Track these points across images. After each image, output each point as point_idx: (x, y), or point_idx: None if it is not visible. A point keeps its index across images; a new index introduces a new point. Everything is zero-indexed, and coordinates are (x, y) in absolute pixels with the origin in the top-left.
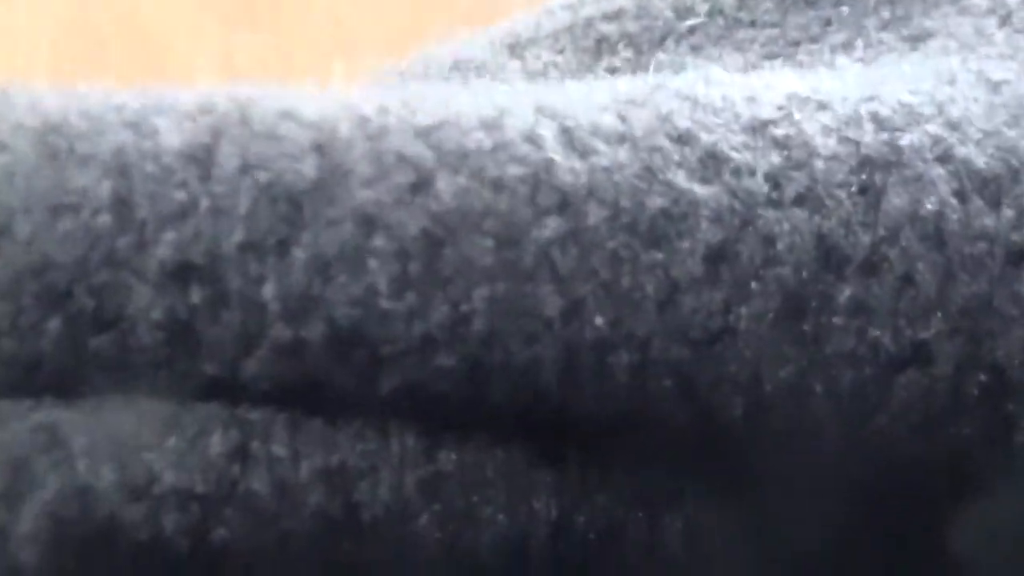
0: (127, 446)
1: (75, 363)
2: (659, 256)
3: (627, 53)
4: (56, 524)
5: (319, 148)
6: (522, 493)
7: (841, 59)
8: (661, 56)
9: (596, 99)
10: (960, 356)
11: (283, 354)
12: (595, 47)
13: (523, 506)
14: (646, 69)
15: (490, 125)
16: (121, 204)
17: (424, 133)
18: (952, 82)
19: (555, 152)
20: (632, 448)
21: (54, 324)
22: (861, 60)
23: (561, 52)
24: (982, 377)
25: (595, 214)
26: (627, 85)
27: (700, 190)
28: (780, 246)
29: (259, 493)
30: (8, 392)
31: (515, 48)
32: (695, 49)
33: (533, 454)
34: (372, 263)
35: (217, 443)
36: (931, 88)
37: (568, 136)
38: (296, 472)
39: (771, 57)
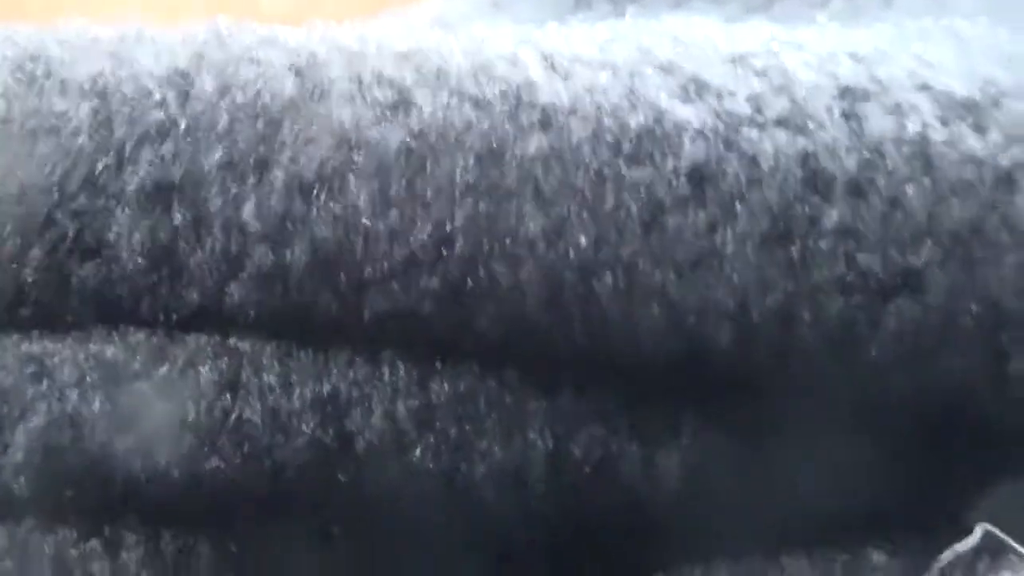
0: (117, 376)
1: (60, 294)
2: (643, 174)
3: (604, 7)
4: (49, 454)
5: (298, 70)
6: (516, 423)
7: (818, 14)
8: (637, 9)
9: (576, 36)
10: (952, 284)
11: (266, 278)
12: (573, 1)
13: (518, 437)
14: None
15: (470, 51)
16: (100, 125)
17: (403, 56)
18: (925, 37)
19: (536, 74)
20: (625, 380)
21: (36, 252)
22: (838, 16)
23: (540, 7)
24: (975, 307)
25: (578, 131)
26: (606, 26)
27: (683, 110)
28: (764, 166)
29: (252, 422)
30: None
31: (498, 4)
32: (674, 5)
33: (525, 385)
34: (352, 181)
35: (208, 372)
36: (906, 39)
37: (549, 61)
38: (289, 400)
39: (750, 11)
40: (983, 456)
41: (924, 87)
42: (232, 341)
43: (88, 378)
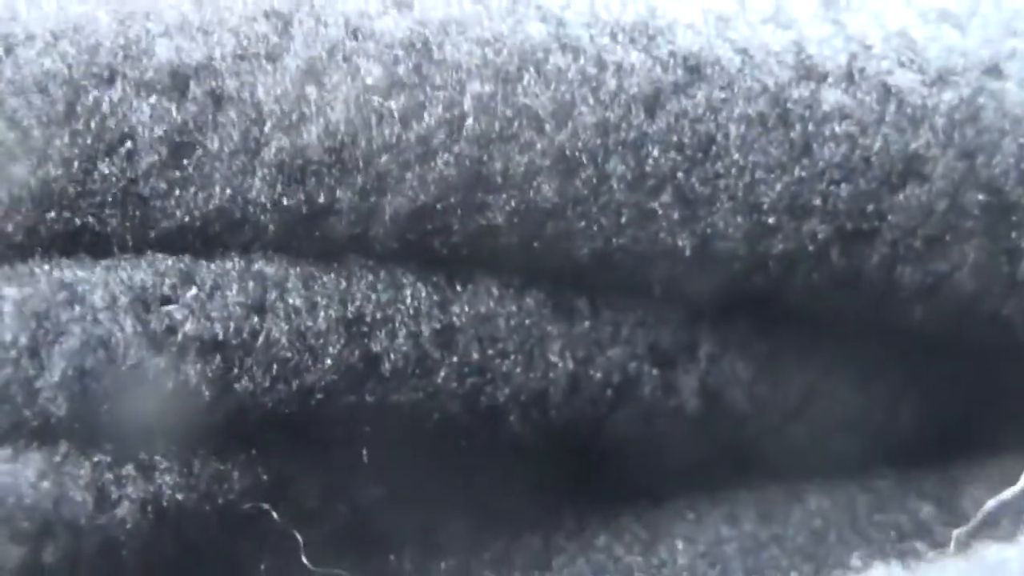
0: (147, 299)
1: (84, 194)
2: (641, 57)
3: None
4: (83, 375)
5: None
6: (536, 346)
7: None
8: None
9: None
10: (955, 171)
11: (285, 169)
12: None
13: (539, 360)
14: None
15: None
16: (118, 24)
17: None
18: None
19: None
20: (641, 301)
21: (60, 142)
22: None
23: None
24: (980, 196)
25: (574, 22)
26: None
27: (674, 7)
28: (756, 56)
29: (280, 343)
30: (23, 242)
31: None
32: None
33: (544, 308)
34: (362, 64)
35: (235, 294)
36: None
37: None
38: (314, 322)
39: None
40: (998, 386)
41: (905, 2)
42: (257, 265)
43: (119, 302)
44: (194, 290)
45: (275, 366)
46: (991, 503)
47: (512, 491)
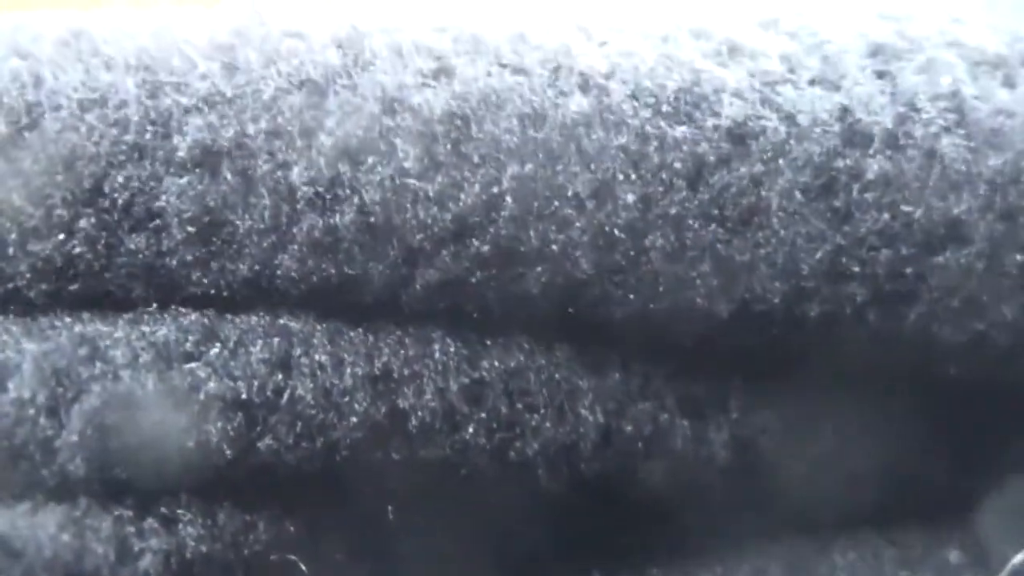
0: (169, 356)
1: (110, 267)
2: (685, 131)
3: None
4: (103, 433)
5: (339, 42)
6: (567, 400)
7: None
8: None
9: (609, 3)
10: (996, 232)
11: (316, 248)
12: None
13: (569, 413)
14: None
15: (506, 21)
16: (147, 96)
17: (441, 27)
18: None
19: (573, 41)
20: (672, 355)
21: (86, 222)
22: None
23: None
24: (1019, 257)
25: (617, 93)
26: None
27: (719, 71)
28: (803, 122)
29: (304, 400)
30: (45, 303)
31: None
32: None
33: (574, 362)
34: (399, 143)
35: (259, 351)
36: None
37: (584, 30)
38: (340, 379)
39: None
40: None
41: (954, 44)
42: (283, 320)
43: (141, 358)
44: (217, 347)
45: (299, 424)
46: (1018, 558)
47: (540, 546)
